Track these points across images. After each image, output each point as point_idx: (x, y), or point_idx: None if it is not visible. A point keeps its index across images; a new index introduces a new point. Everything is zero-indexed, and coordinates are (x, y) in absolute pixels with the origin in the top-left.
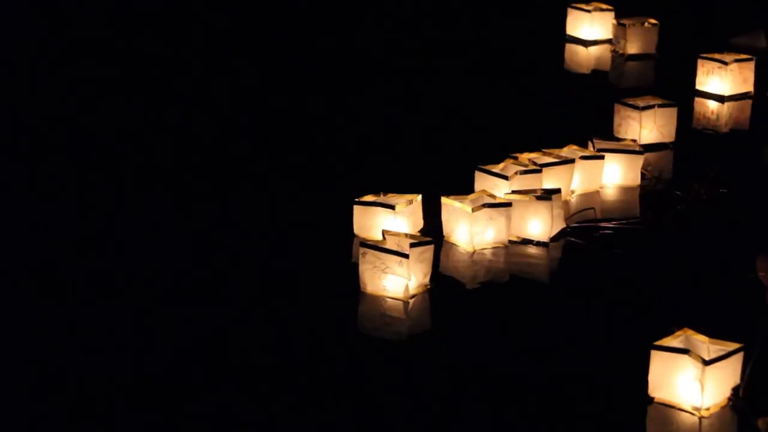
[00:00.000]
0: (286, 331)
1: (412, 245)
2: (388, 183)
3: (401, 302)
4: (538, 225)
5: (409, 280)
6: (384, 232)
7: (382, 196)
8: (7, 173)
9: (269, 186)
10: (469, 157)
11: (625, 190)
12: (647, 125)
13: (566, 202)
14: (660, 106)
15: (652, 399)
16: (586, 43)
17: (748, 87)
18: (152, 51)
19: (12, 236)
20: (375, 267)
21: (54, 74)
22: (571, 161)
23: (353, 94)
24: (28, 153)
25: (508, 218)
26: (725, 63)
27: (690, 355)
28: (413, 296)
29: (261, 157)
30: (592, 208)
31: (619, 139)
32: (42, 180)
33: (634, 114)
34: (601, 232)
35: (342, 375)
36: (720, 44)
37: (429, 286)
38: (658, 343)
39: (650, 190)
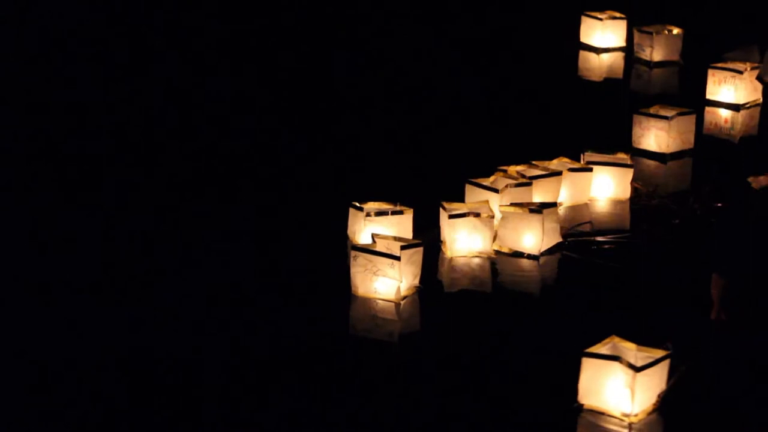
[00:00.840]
0: (278, 334)
1: (402, 248)
2: (401, 190)
3: (392, 304)
4: (529, 238)
5: (401, 281)
6: (374, 236)
7: (398, 206)
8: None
9: (267, 192)
10: (476, 166)
11: (615, 203)
12: (673, 134)
13: None
14: (681, 114)
15: (581, 406)
16: (598, 51)
17: (758, 95)
18: (151, 49)
19: (12, 236)
20: (366, 270)
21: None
22: (558, 173)
23: (360, 98)
24: (29, 153)
25: (491, 229)
26: (740, 72)
27: (621, 362)
28: (404, 297)
29: (261, 165)
30: (590, 222)
31: (612, 152)
32: (43, 180)
33: (662, 124)
34: (597, 246)
35: (337, 376)
36: (716, 56)
37: (419, 287)
38: (588, 350)
39: (645, 205)
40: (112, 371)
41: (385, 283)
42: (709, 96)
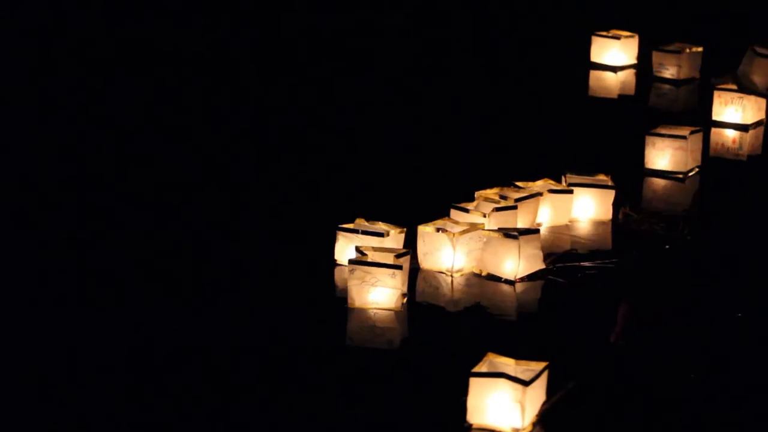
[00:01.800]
0: (283, 351)
1: (398, 256)
2: (395, 209)
3: (389, 313)
4: (508, 263)
5: (402, 290)
6: (358, 248)
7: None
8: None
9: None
10: (468, 187)
11: (597, 224)
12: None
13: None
14: (693, 132)
15: (470, 426)
16: (615, 69)
17: (762, 114)
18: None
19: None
20: (364, 282)
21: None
22: (536, 195)
23: (359, 107)
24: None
25: (453, 247)
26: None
27: (509, 379)
28: (402, 305)
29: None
30: (574, 249)
31: (593, 174)
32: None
33: (680, 143)
34: (582, 273)
35: (347, 389)
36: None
37: (406, 294)
38: (474, 370)
39: (635, 230)
40: (112, 373)
41: (383, 293)
42: (715, 117)
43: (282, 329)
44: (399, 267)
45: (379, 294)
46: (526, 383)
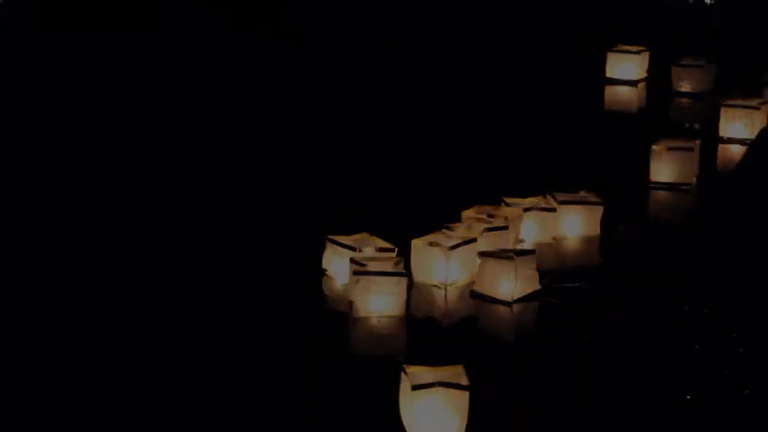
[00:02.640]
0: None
1: (397, 263)
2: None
3: (394, 320)
4: (504, 284)
5: (406, 297)
6: (353, 260)
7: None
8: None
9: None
10: (481, 198)
11: (585, 241)
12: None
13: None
14: (697, 144)
15: None
16: (635, 83)
17: None
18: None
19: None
20: (369, 291)
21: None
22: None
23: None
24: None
25: (446, 260)
26: (757, 108)
27: (448, 387)
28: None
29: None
30: (562, 268)
31: (577, 190)
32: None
33: (687, 155)
34: (580, 293)
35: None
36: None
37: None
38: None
39: (628, 248)
40: (103, 382)
41: (387, 300)
42: (722, 132)
43: (280, 337)
44: (403, 274)
45: (382, 302)
46: (467, 388)
